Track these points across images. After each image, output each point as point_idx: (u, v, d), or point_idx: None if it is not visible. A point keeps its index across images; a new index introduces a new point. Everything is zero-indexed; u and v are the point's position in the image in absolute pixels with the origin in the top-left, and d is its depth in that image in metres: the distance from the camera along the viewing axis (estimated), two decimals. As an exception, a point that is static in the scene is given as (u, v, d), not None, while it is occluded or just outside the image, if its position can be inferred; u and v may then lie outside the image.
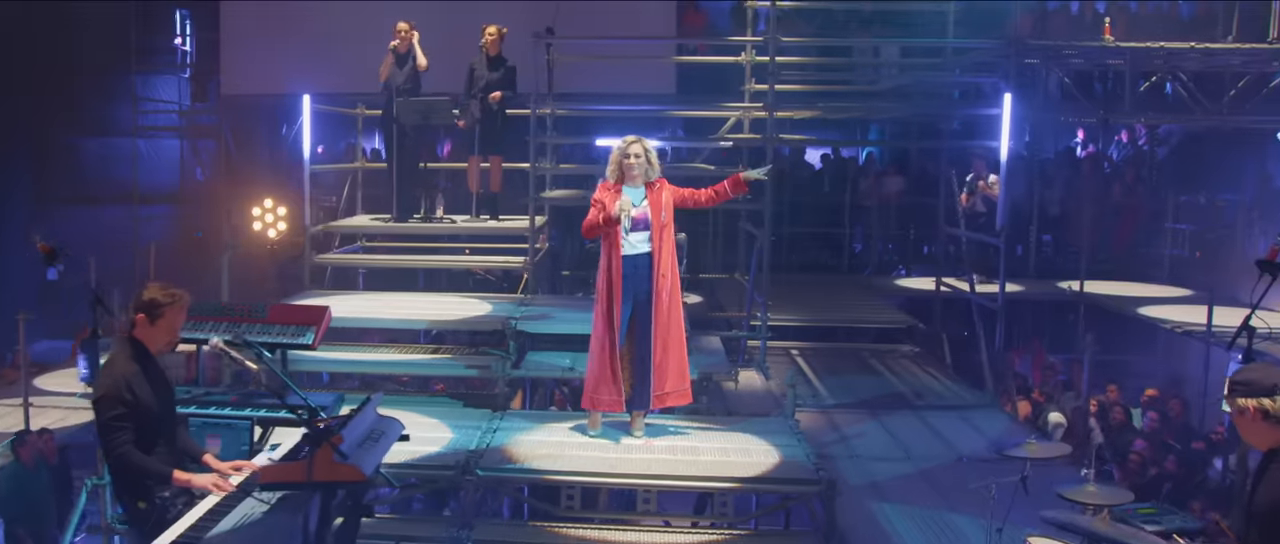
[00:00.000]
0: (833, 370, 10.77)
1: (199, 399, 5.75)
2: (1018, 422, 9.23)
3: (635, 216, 6.95)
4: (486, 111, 10.06)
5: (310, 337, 5.78)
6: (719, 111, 10.77)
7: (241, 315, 5.91)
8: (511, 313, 8.53)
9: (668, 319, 6.96)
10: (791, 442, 7.18)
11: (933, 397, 9.80)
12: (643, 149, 7.05)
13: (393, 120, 9.97)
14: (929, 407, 9.43)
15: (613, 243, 7.00)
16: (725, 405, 8.37)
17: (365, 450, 4.65)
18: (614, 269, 7.00)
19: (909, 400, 9.62)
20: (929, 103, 11.71)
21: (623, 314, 7.01)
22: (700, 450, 6.90)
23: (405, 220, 10.14)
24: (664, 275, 6.95)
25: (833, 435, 8.52)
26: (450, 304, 9.02)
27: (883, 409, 9.29)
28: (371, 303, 9.17)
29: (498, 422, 7.44)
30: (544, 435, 7.17)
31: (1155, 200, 14.95)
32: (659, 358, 6.95)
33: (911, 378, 10.56)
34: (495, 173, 10.35)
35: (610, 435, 7.13)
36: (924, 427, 8.84)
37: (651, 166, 7.09)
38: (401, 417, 7.38)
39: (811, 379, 10.41)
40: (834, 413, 9.18)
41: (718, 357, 8.56)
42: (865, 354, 11.57)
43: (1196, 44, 9.74)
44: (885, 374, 10.73)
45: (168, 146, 15.96)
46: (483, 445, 6.89)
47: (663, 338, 6.95)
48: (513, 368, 7.90)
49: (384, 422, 5.05)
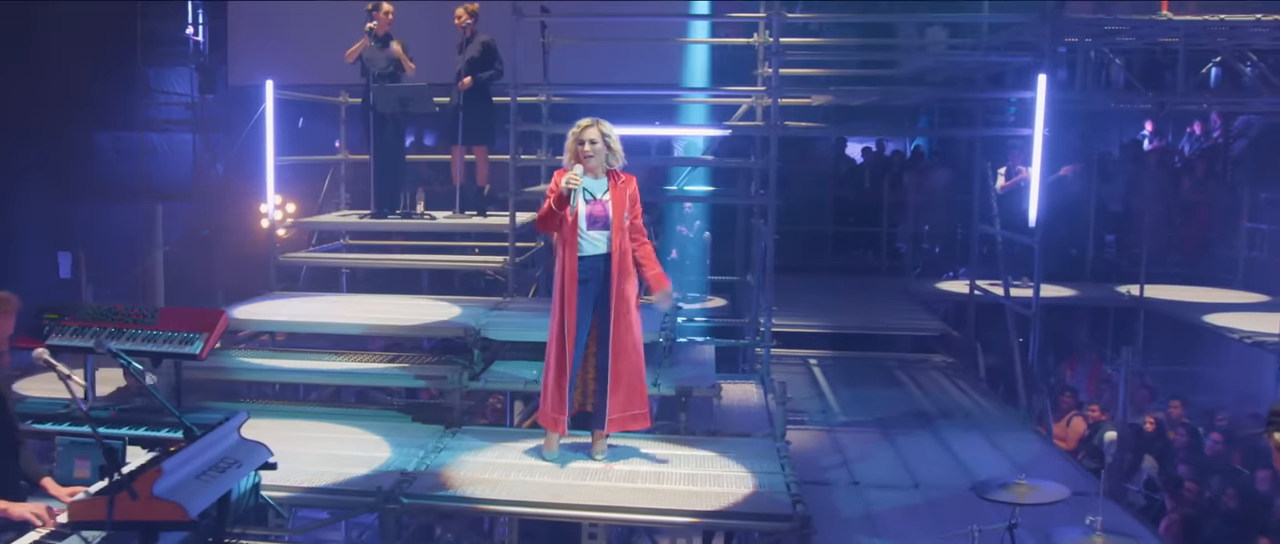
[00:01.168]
0: (851, 383, 9.92)
1: (72, 415, 5.14)
2: (1052, 444, 8.28)
3: (594, 213, 6.22)
4: (469, 98, 9.38)
5: (199, 345, 5.14)
6: (727, 98, 9.95)
7: (129, 320, 5.31)
8: (479, 318, 7.83)
9: (622, 332, 6.20)
10: (773, 468, 6.39)
11: (959, 414, 8.90)
12: (599, 133, 6.29)
13: (370, 108, 9.33)
14: (952, 426, 8.53)
15: (567, 240, 6.27)
16: (710, 423, 7.58)
17: (203, 483, 3.97)
18: (568, 272, 6.27)
19: (930, 418, 8.72)
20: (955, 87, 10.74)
21: (578, 323, 6.27)
22: (664, 477, 6.14)
23: (383, 216, 9.51)
24: (625, 282, 6.19)
25: (834, 458, 7.69)
26: (417, 307, 8.35)
27: (898, 428, 8.43)
28: (328, 305, 8.54)
29: (447, 439, 6.76)
30: (494, 456, 6.46)
31: (1229, 197, 13.76)
32: (614, 377, 6.20)
33: (938, 392, 9.67)
34: (481, 165, 9.67)
35: (567, 458, 6.41)
36: (941, 449, 7.96)
37: (613, 153, 6.34)
38: (336, 432, 6.90)
39: (825, 392, 9.58)
40: (841, 432, 8.35)
41: (703, 368, 7.79)
42: (892, 365, 10.69)
43: (1264, 16, 8.64)
44: (909, 387, 9.85)
45: (181, 140, 15.59)
46: (420, 467, 6.21)
47: (619, 353, 6.19)
48: (470, 380, 7.19)
49: (244, 447, 4.37)
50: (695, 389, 7.18)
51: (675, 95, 10.87)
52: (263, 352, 7.70)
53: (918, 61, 9.41)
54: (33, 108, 13.65)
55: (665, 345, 7.58)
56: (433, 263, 9.91)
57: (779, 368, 10.46)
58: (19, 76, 13.54)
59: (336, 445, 6.57)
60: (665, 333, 7.60)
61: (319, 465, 6.15)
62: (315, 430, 6.86)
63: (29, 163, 14.03)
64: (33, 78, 13.62)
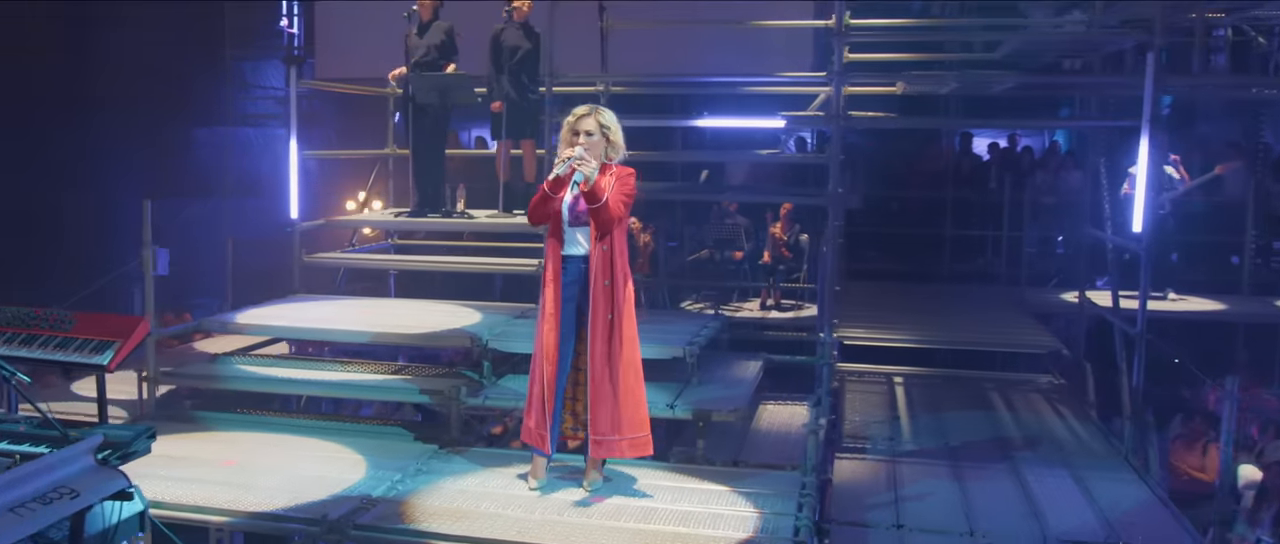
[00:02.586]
0: (934, 405, 9.00)
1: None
2: (1153, 486, 7.21)
3: (579, 208, 5.64)
4: (517, 89, 8.89)
5: (109, 355, 4.77)
6: (795, 87, 9.16)
7: (45, 325, 4.97)
8: (494, 328, 7.32)
9: (609, 346, 5.58)
10: (787, 508, 5.68)
11: (1049, 447, 7.90)
12: (597, 123, 5.71)
13: (408, 99, 8.95)
14: (1037, 461, 7.55)
15: (553, 236, 5.71)
16: (738, 451, 6.86)
17: (15, 518, 3.54)
18: (551, 273, 5.71)
19: (1013, 450, 7.76)
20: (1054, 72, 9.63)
21: (563, 332, 5.70)
22: (654, 516, 5.51)
23: (422, 214, 9.10)
24: (607, 289, 5.58)
25: (885, 495, 6.86)
26: (435, 314, 7.91)
27: (971, 461, 7.51)
28: (339, 310, 8.16)
29: (434, 461, 6.29)
30: (475, 483, 5.96)
31: None
32: (596, 394, 5.59)
33: (1033, 419, 8.66)
34: (528, 160, 9.17)
35: (554, 487, 5.84)
36: (1016, 489, 7.02)
37: (613, 146, 5.75)
38: (318, 449, 6.49)
39: (900, 416, 8.70)
40: (903, 463, 7.49)
41: (737, 388, 7.09)
42: (988, 386, 9.70)
43: None
44: (999, 412, 8.86)
45: (275, 135, 15.69)
46: (388, 493, 5.76)
47: (601, 367, 5.58)
48: (470, 396, 6.68)
49: (91, 476, 3.93)
50: (714, 413, 6.50)
51: (744, 84, 10.11)
52: (261, 360, 7.38)
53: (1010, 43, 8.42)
54: (130, 105, 13.93)
55: (691, 362, 6.91)
56: (463, 266, 9.41)
57: (858, 387, 9.68)
58: (116, 75, 13.83)
59: (311, 464, 6.18)
60: (691, 348, 6.92)
61: (279, 486, 5.77)
62: (297, 446, 6.50)
63: (128, 159, 14.34)
64: (129, 75, 13.89)
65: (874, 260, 15.19)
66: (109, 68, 13.64)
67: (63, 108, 13.36)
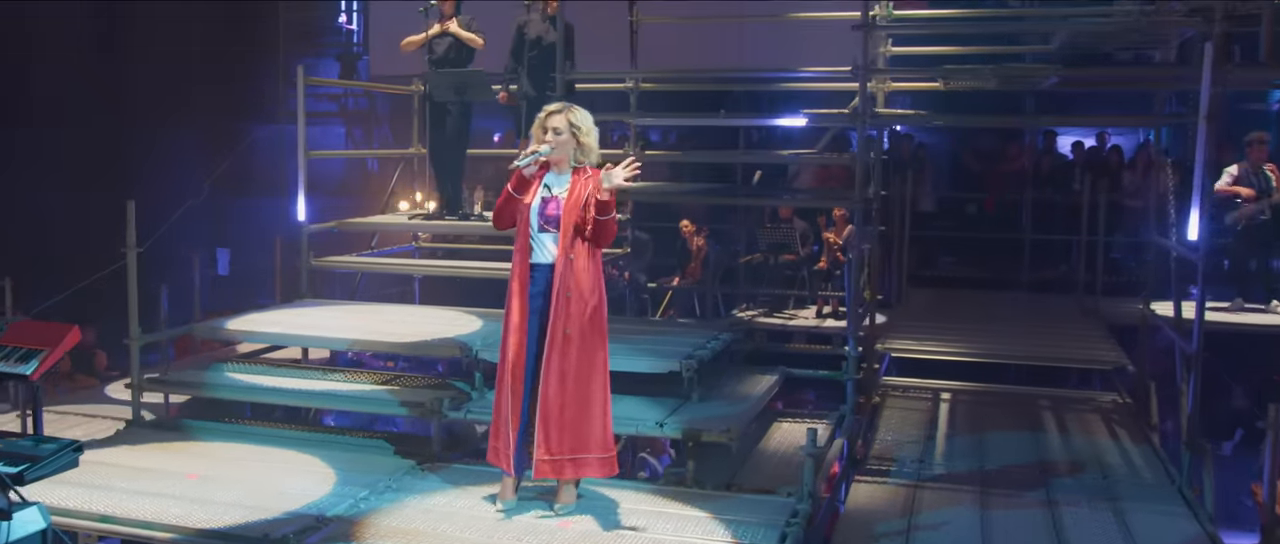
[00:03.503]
0: (977, 424, 8.52)
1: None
2: (1205, 523, 6.65)
3: (547, 212, 5.42)
4: (537, 85, 8.70)
5: (34, 364, 4.70)
6: (835, 83, 8.74)
7: (-32, 332, 4.93)
8: (489, 336, 7.13)
9: (565, 362, 5.33)
10: (767, 538, 5.36)
11: (1094, 473, 7.37)
12: (566, 122, 5.48)
13: (427, 96, 8.83)
14: (1077, 489, 7.04)
15: (519, 241, 5.50)
16: (734, 473, 6.54)
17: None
18: (519, 281, 5.49)
19: (1053, 477, 7.26)
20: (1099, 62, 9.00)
21: (528, 341, 5.48)
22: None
23: (440, 217, 8.96)
24: (570, 298, 5.33)
25: (897, 523, 6.45)
26: (435, 321, 7.75)
27: (1003, 488, 7.04)
28: (335, 317, 8.02)
29: (407, 477, 6.12)
30: (443, 502, 5.78)
31: None
32: (546, 410, 5.35)
33: (1085, 442, 8.12)
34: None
35: (521, 510, 5.62)
36: (1045, 520, 6.54)
37: (582, 148, 5.51)
38: (291, 461, 6.36)
39: (937, 435, 8.25)
40: (927, 488, 7.06)
41: (740, 405, 6.76)
42: (1044, 404, 9.16)
43: None
44: (1049, 433, 8.34)
45: (335, 133, 15.81)
46: (348, 512, 5.60)
47: (556, 384, 5.34)
48: (451, 409, 6.50)
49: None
50: (704, 433, 6.19)
51: (780, 81, 9.72)
52: (250, 368, 7.31)
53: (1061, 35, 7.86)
54: (185, 104, 14.16)
55: (688, 376, 6.61)
56: (465, 271, 9.19)
57: (900, 403, 9.25)
58: (174, 73, 14.07)
59: (279, 477, 6.07)
60: (689, 362, 6.62)
61: (236, 501, 5.65)
62: (272, 459, 6.40)
63: (185, 158, 14.60)
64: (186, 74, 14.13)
65: (947, 266, 14.63)
66: (165, 66, 13.87)
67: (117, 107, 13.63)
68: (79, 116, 13.27)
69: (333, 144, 15.67)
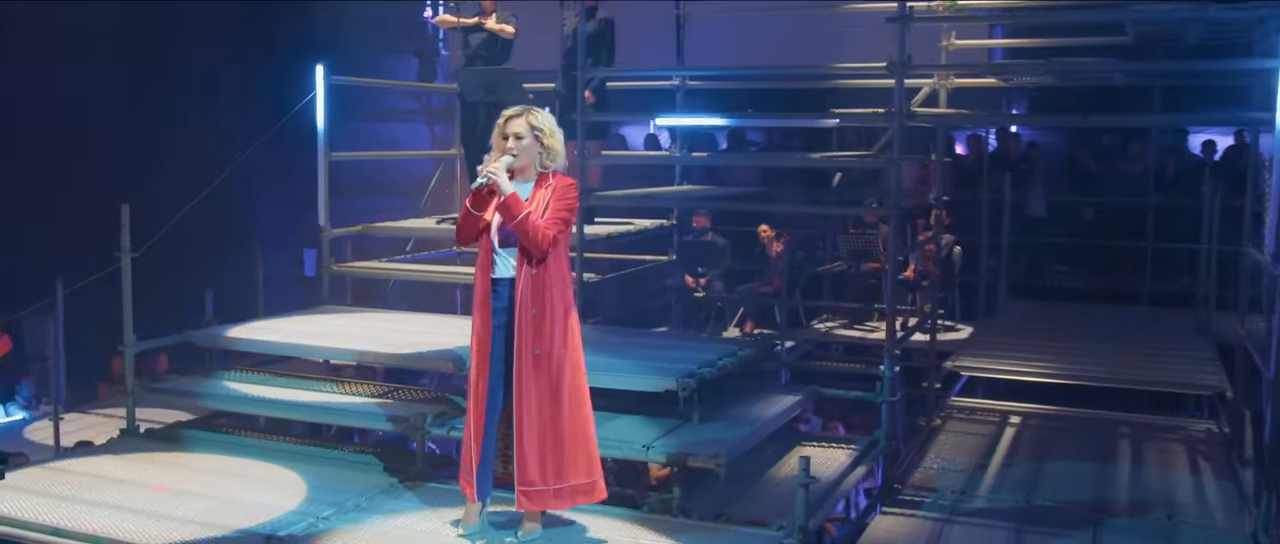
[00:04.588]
0: (1041, 453, 7.96)
1: None
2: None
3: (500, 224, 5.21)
4: (567, 83, 8.52)
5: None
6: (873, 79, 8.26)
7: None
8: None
9: (538, 384, 5.11)
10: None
11: (1159, 513, 6.77)
12: (527, 126, 5.25)
13: (459, 95, 8.74)
14: (1134, 532, 6.49)
15: (481, 256, 5.31)
16: (729, 503, 6.20)
17: None
18: (481, 297, 5.30)
19: (1110, 517, 6.70)
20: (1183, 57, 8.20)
21: (493, 360, 5.28)
22: (581, 577, 5.01)
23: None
24: (534, 319, 5.09)
25: (911, 564, 6.04)
26: (442, 330, 7.61)
27: (1047, 526, 6.53)
28: (339, 325, 7.95)
29: (380, 496, 6.01)
30: (404, 525, 5.63)
31: None
32: (522, 439, 5.13)
33: (1159, 476, 7.49)
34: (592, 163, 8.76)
35: (486, 535, 5.43)
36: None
37: (547, 152, 5.29)
38: (269, 474, 6.31)
39: (991, 464, 7.73)
40: (961, 523, 6.61)
41: (744, 428, 6.42)
42: (1124, 431, 8.52)
43: None
44: (1120, 465, 7.73)
45: (418, 132, 15.89)
46: (306, 531, 5.51)
47: (531, 409, 5.11)
48: (435, 425, 6.36)
49: None
50: (690, 458, 5.89)
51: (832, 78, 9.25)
52: (247, 377, 7.31)
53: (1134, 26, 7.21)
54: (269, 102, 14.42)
55: (686, 396, 6.31)
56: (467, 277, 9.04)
57: (960, 426, 8.75)
58: (256, 74, 14.35)
59: (248, 491, 6.02)
60: (686, 381, 6.31)
61: (193, 516, 5.63)
62: (250, 471, 6.38)
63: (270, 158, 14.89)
64: (266, 74, 14.38)
65: (1057, 276, 13.86)
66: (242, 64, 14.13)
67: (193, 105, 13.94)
68: (132, 110, 13.55)
69: (417, 143, 15.77)
